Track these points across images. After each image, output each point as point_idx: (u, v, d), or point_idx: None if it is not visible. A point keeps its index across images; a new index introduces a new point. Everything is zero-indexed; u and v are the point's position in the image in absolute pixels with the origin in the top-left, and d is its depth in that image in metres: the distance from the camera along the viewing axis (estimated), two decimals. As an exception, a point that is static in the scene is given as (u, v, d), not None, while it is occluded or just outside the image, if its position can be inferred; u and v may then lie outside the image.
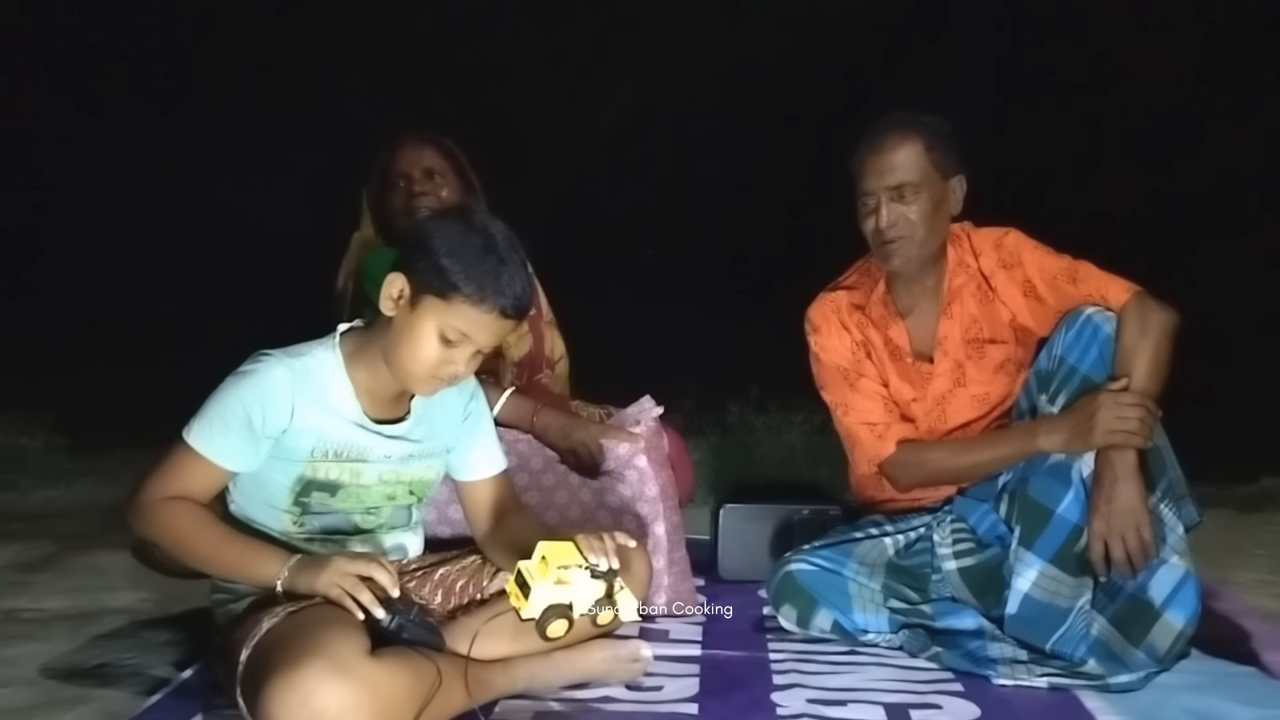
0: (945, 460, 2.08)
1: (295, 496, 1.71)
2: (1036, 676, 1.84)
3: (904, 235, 2.04)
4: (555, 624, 1.59)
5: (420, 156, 2.35)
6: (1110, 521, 1.82)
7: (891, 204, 2.03)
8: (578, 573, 1.59)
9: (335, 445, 1.70)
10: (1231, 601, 2.36)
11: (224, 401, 1.65)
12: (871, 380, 2.15)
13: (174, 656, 1.96)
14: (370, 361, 1.71)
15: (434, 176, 2.36)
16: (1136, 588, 1.84)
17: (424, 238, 1.64)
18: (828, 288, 2.23)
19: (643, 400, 2.31)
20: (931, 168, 2.04)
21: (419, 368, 1.66)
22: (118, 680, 1.86)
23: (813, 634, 2.04)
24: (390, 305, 1.66)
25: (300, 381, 1.66)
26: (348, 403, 1.70)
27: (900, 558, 2.08)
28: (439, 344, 1.64)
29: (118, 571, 2.50)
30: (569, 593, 1.59)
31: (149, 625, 2.17)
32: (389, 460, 1.74)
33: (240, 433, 1.64)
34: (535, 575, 1.57)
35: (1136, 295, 1.94)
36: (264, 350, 1.69)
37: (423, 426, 1.78)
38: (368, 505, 1.76)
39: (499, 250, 1.63)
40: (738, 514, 2.51)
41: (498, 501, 1.88)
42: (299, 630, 1.49)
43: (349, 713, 1.41)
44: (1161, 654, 1.81)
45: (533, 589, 1.57)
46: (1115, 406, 1.83)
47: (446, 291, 1.61)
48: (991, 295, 2.10)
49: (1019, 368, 2.12)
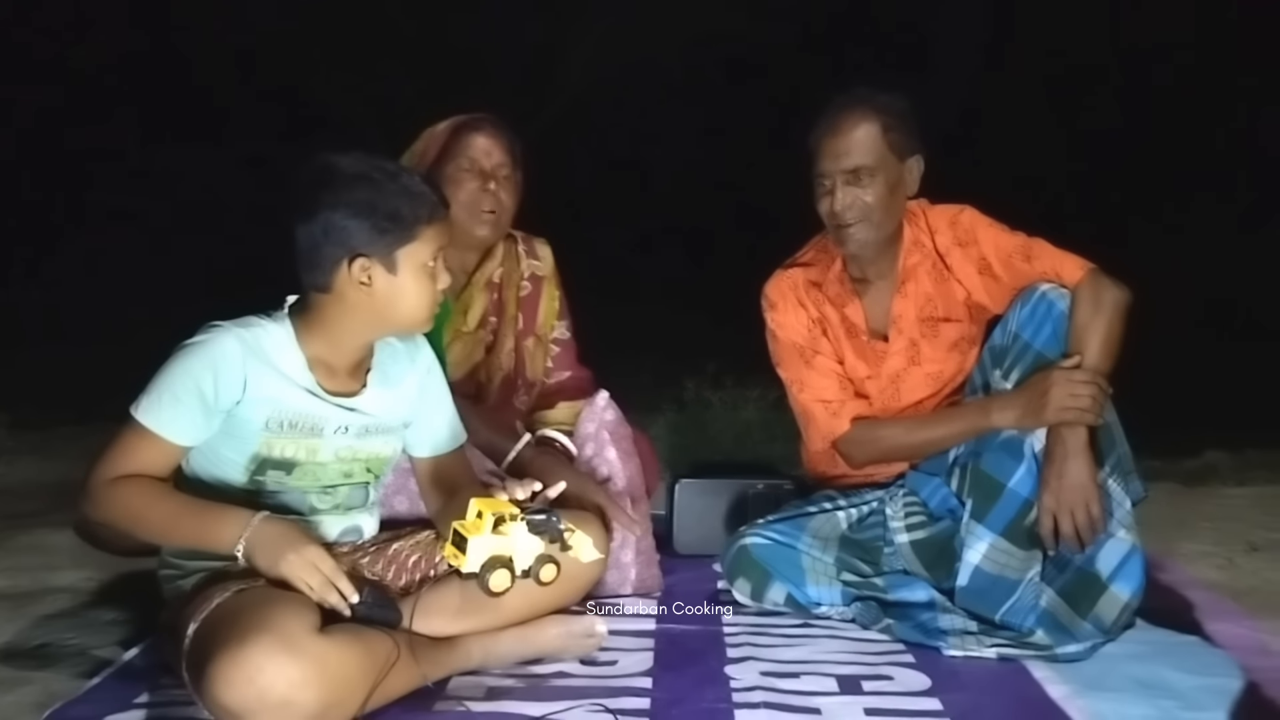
0: (899, 437, 2.09)
1: (250, 475, 1.67)
2: (986, 647, 1.87)
3: (859, 219, 2.03)
4: (496, 575, 1.55)
5: (496, 146, 2.17)
6: (1060, 497, 1.85)
7: (847, 187, 2.02)
8: (515, 525, 1.57)
9: (290, 415, 1.66)
10: (1176, 573, 2.41)
11: (173, 374, 1.60)
12: (827, 358, 2.15)
13: (119, 636, 1.93)
14: (327, 335, 1.68)
15: (503, 172, 2.17)
16: (1084, 561, 1.87)
17: (348, 209, 1.60)
18: (784, 264, 2.23)
19: (595, 399, 2.26)
20: (888, 150, 2.03)
21: (424, 309, 1.68)
22: (60, 661, 1.82)
23: (766, 607, 2.06)
24: (363, 287, 1.63)
25: (251, 351, 1.63)
26: (300, 372, 1.67)
27: (853, 531, 2.09)
28: (428, 277, 1.66)
29: (61, 550, 2.45)
30: (507, 544, 1.56)
31: (93, 604, 2.13)
32: (345, 434, 1.71)
33: (192, 405, 1.59)
34: (469, 529, 1.55)
35: (1090, 273, 1.96)
36: (213, 321, 1.65)
37: (379, 400, 1.75)
38: (324, 484, 1.73)
39: (400, 173, 1.66)
40: (693, 489, 2.52)
41: (453, 476, 1.86)
42: (247, 607, 1.47)
43: (296, 690, 1.39)
44: (1108, 625, 1.84)
45: (469, 540, 1.54)
46: (1068, 384, 1.85)
47: (413, 231, 1.62)
48: (947, 274, 2.11)
49: (972, 345, 2.14)
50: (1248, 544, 2.71)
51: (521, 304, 2.27)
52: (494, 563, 1.55)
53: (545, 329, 2.30)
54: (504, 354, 2.25)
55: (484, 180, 2.14)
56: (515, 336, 2.27)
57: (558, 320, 2.32)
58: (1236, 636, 1.97)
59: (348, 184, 1.61)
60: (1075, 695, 1.68)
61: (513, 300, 2.27)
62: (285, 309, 1.71)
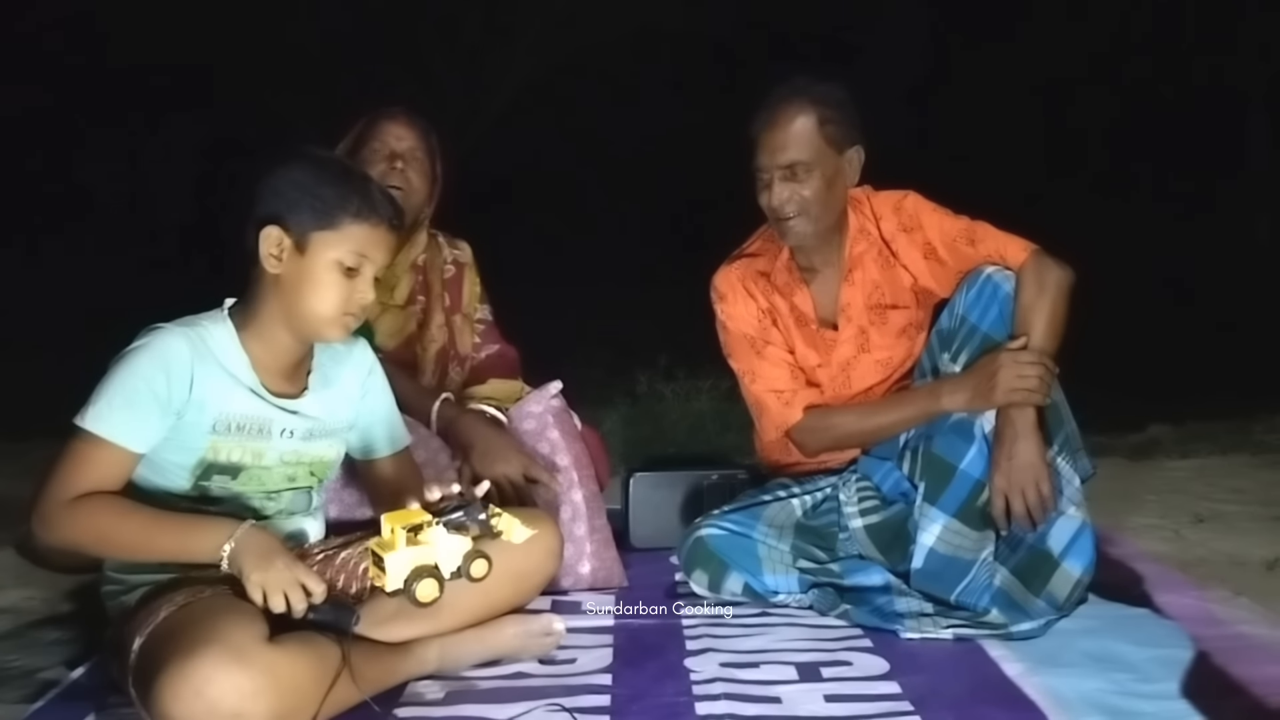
0: (851, 424, 2.10)
1: (195, 481, 1.62)
2: (942, 628, 1.88)
3: (797, 212, 2.04)
4: (423, 585, 1.52)
5: (408, 132, 2.26)
6: (1011, 477, 1.87)
7: (784, 182, 2.02)
8: (433, 531, 1.54)
9: (237, 418, 1.62)
10: (1125, 546, 2.45)
11: (121, 378, 1.54)
12: (778, 348, 2.15)
13: (64, 656, 1.87)
14: (261, 332, 1.64)
15: (415, 155, 2.25)
16: (1036, 539, 1.89)
17: (281, 180, 1.59)
18: (732, 255, 2.23)
19: (548, 386, 2.29)
20: (825, 144, 2.02)
21: (328, 308, 1.61)
22: (3, 684, 1.76)
23: (724, 598, 2.06)
24: (274, 262, 1.60)
25: (197, 351, 1.58)
26: (245, 372, 1.63)
27: (808, 518, 2.10)
28: (341, 277, 1.60)
29: (1, 569, 2.37)
30: (429, 553, 1.53)
31: (36, 624, 2.06)
32: (290, 438, 1.68)
33: (146, 407, 1.54)
34: (385, 546, 1.52)
35: (1034, 254, 1.97)
36: (154, 324, 1.60)
37: (321, 403, 1.72)
38: (269, 489, 1.69)
39: (354, 169, 1.64)
40: (647, 482, 2.51)
41: (398, 480, 1.83)
42: (193, 618, 1.43)
43: (247, 701, 1.36)
44: (1061, 601, 1.86)
45: (385, 559, 1.51)
46: (1015, 366, 1.87)
47: (334, 218, 1.58)
48: (893, 260, 2.12)
49: (920, 330, 2.16)
50: (1193, 515, 2.77)
51: (446, 285, 2.38)
52: (419, 573, 1.52)
53: (470, 309, 2.40)
54: (435, 328, 2.34)
55: (392, 160, 2.22)
56: (444, 312, 2.35)
57: (480, 303, 2.43)
58: (1185, 607, 2.01)
59: (299, 161, 1.61)
60: (1031, 672, 1.70)
61: (438, 281, 2.37)
62: (225, 309, 1.67)
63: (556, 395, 2.28)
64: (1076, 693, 1.61)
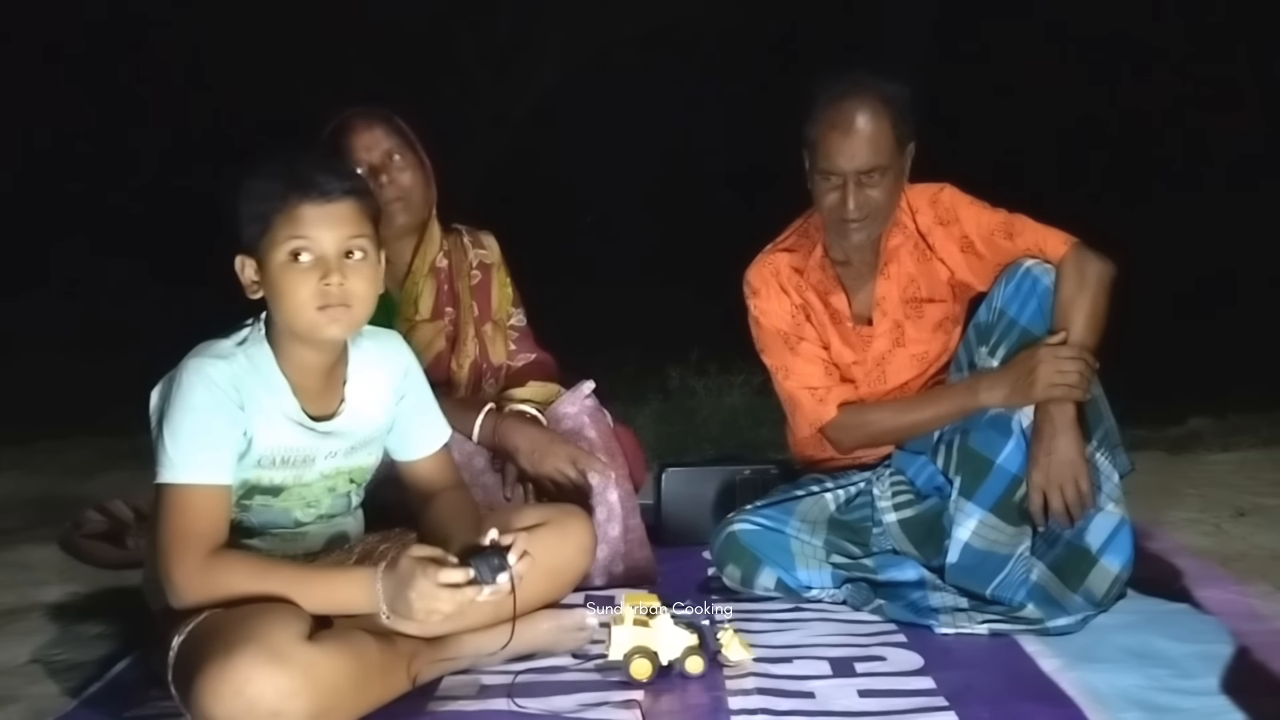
0: (887, 421, 2.08)
1: (237, 500, 1.64)
2: (977, 623, 1.87)
3: (867, 216, 2.01)
4: (637, 664, 1.64)
5: (374, 139, 2.15)
6: (1049, 473, 1.85)
7: (860, 188, 1.97)
8: (661, 619, 1.67)
9: (282, 451, 1.63)
10: (1163, 541, 2.42)
11: (181, 420, 1.53)
12: (812, 344, 2.14)
13: (106, 650, 1.90)
14: (286, 353, 1.63)
15: (393, 158, 2.16)
16: (1074, 535, 1.87)
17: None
18: (765, 250, 2.21)
19: (581, 385, 2.27)
20: (895, 145, 1.98)
21: (299, 306, 1.56)
22: (48, 677, 1.80)
23: (757, 593, 2.05)
24: (254, 288, 1.60)
25: (242, 382, 1.58)
26: (288, 399, 1.63)
27: (841, 513, 2.09)
28: (296, 270, 1.55)
29: (46, 565, 2.42)
30: (652, 637, 1.66)
31: (79, 619, 2.10)
32: (334, 458, 1.70)
33: (216, 436, 1.54)
34: (617, 620, 1.67)
35: (1074, 247, 1.95)
36: (191, 356, 1.59)
37: (358, 414, 1.72)
38: (308, 500, 1.71)
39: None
40: (680, 477, 2.51)
41: (438, 478, 1.83)
42: (233, 617, 1.45)
43: (286, 700, 1.37)
44: (1099, 598, 1.84)
45: (612, 629, 1.66)
46: (1054, 361, 1.85)
47: (267, 219, 1.55)
48: (929, 253, 2.10)
49: (956, 324, 2.14)
50: (1234, 509, 2.73)
51: (474, 292, 2.31)
52: (637, 651, 1.65)
53: (501, 314, 2.34)
54: (468, 342, 2.27)
55: (375, 175, 2.13)
56: (474, 324, 2.29)
57: (513, 308, 2.36)
58: (1226, 602, 1.98)
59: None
60: (1067, 668, 1.68)
61: (465, 290, 2.30)
62: (262, 330, 1.65)
63: (589, 395, 2.26)
64: (1114, 688, 1.60)
